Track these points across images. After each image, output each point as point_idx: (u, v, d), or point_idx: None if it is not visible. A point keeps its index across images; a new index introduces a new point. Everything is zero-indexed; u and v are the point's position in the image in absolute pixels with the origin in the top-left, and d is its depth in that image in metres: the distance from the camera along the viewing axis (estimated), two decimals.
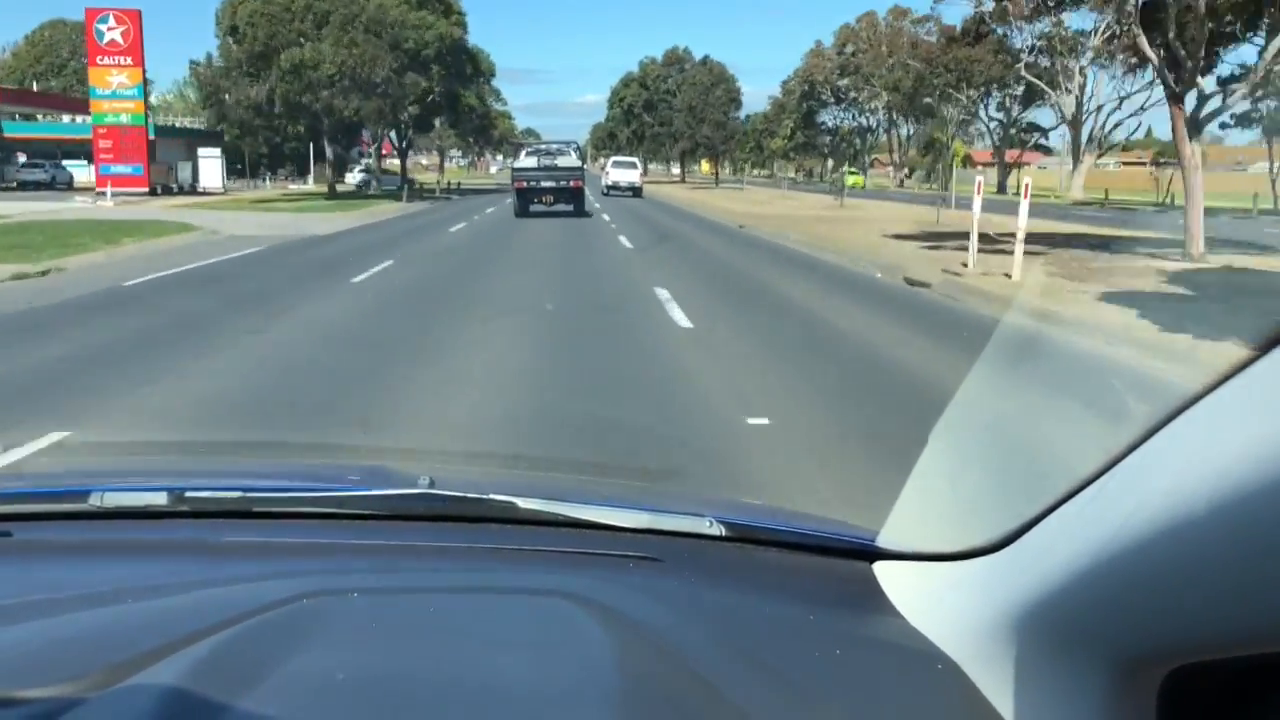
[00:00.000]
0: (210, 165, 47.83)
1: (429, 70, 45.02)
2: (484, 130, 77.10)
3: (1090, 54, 49.34)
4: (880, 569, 1.10)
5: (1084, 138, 52.05)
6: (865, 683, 0.90)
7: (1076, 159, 52.20)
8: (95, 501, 1.21)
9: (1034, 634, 0.78)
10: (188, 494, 1.22)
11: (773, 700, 0.84)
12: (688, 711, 0.81)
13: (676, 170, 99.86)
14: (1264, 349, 0.59)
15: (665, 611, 0.98)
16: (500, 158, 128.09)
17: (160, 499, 1.22)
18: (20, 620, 0.92)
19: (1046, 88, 51.82)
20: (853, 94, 75.73)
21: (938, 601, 0.97)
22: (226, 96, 42.11)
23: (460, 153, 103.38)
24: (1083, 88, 51.72)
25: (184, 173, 46.13)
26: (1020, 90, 56.40)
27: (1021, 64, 50.25)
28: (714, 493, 3.60)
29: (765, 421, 5.56)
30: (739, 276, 14.52)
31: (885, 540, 1.13)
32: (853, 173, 63.39)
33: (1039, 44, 50.65)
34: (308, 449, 3.64)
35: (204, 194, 43.38)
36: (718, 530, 1.18)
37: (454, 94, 51.15)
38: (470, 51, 50.73)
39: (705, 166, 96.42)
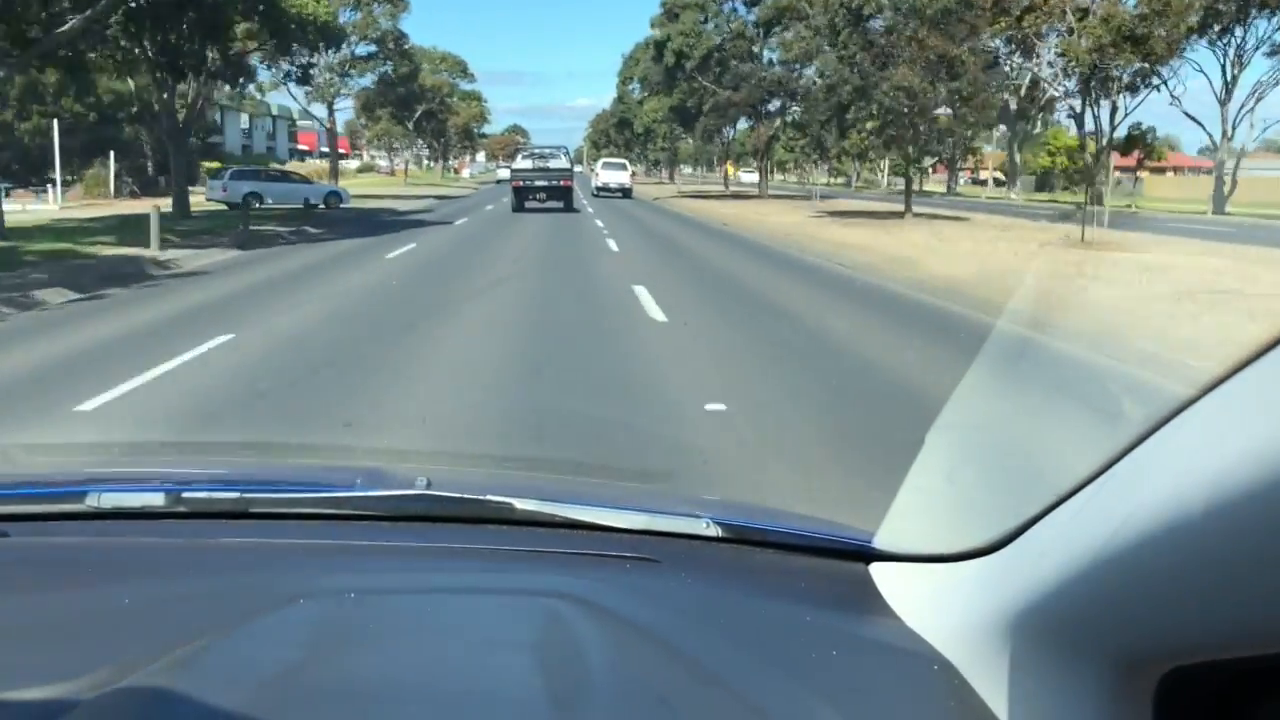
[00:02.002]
0: None
1: None
2: (409, 102, 53.30)
3: None
4: (877, 570, 1.11)
5: None
6: (862, 684, 0.91)
7: None
8: (92, 502, 1.21)
9: (1030, 635, 0.78)
10: (185, 495, 1.23)
11: (770, 701, 0.85)
12: (684, 712, 0.82)
13: (750, 176, 62.72)
14: (1261, 352, 0.59)
15: (662, 612, 0.99)
16: (482, 158, 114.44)
17: (157, 500, 1.22)
18: (16, 621, 0.93)
19: None
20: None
21: (934, 603, 0.98)
22: None
23: (423, 149, 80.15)
24: None
25: None
26: None
27: None
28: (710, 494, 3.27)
29: None
30: None
31: (882, 541, 1.14)
32: None
33: None
34: (305, 450, 3.40)
35: None
36: (715, 531, 1.18)
37: None
38: None
39: (730, 169, 63.04)
